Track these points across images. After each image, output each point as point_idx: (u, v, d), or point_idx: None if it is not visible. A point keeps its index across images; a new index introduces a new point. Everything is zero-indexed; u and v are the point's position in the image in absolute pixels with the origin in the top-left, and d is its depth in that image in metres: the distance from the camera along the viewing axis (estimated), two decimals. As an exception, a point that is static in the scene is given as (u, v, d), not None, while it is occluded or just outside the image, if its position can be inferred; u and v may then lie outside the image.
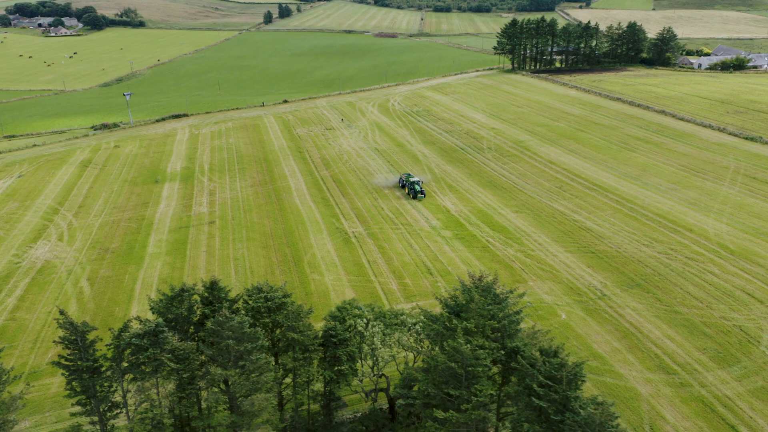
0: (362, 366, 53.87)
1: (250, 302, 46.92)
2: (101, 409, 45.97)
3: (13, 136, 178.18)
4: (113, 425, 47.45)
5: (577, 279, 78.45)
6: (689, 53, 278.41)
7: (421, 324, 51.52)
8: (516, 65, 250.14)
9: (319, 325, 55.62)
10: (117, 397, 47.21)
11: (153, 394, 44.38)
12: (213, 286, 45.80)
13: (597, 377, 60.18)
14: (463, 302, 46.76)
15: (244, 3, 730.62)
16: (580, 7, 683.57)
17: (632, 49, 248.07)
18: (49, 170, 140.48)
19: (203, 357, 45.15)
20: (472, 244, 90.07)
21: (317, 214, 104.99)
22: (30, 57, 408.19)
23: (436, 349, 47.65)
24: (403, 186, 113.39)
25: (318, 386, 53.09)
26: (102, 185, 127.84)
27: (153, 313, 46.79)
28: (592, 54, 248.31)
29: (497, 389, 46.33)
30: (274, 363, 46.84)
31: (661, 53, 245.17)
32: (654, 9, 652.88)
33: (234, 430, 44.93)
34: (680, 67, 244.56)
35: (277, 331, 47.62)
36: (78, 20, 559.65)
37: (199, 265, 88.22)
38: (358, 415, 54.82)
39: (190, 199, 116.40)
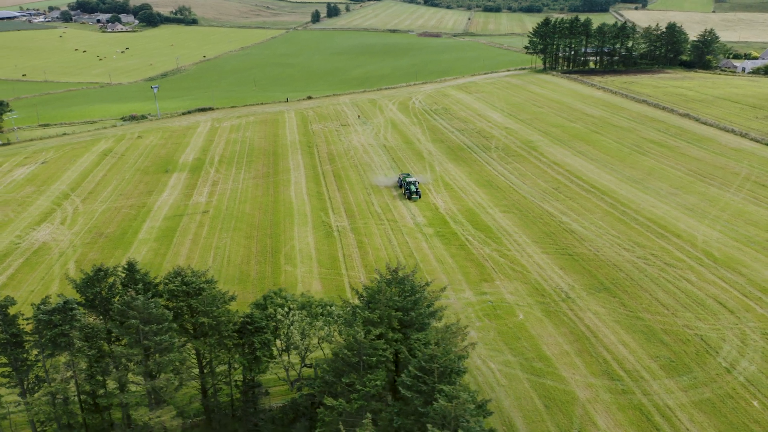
0: (288, 355, 54.48)
1: (170, 286, 48.04)
2: (25, 384, 48.00)
3: (47, 125, 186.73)
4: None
5: (546, 280, 76.83)
6: (736, 57, 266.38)
7: (344, 316, 51.81)
8: (548, 65, 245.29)
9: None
10: (42, 372, 49.24)
11: (67, 370, 46.04)
12: (131, 268, 47.18)
13: (537, 379, 59.01)
14: (373, 293, 46.70)
15: (295, 2, 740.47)
16: (636, 8, 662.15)
17: (671, 51, 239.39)
18: (71, 158, 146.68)
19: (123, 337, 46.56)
20: (450, 242, 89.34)
21: (308, 207, 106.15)
22: (84, 51, 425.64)
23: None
24: (401, 186, 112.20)
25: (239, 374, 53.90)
26: (115, 173, 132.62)
27: (76, 291, 48.63)
28: (628, 55, 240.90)
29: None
30: (187, 346, 47.76)
31: (702, 56, 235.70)
32: (714, 11, 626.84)
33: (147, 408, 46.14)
34: (722, 70, 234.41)
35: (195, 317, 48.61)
36: (134, 17, 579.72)
37: (181, 253, 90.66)
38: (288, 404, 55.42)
39: (192, 189, 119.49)
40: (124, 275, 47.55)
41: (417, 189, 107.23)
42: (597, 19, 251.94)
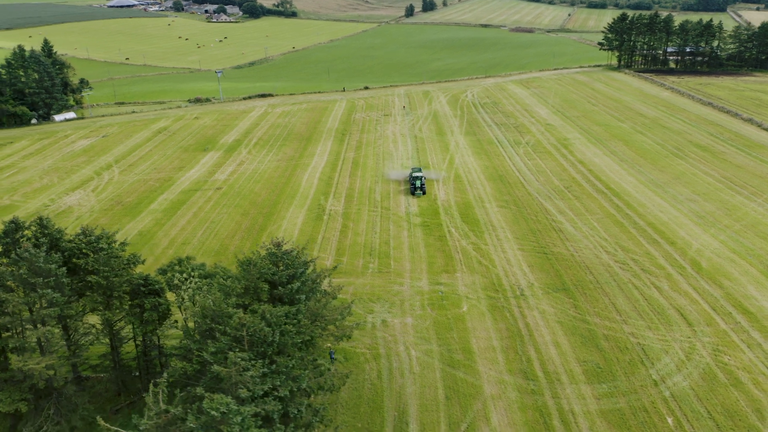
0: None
1: (75, 242, 51.61)
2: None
3: (122, 103, 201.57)
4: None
5: (508, 276, 74.49)
6: None
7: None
8: (623, 63, 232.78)
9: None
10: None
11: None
12: (41, 224, 51.18)
13: (451, 370, 57.90)
14: (244, 264, 47.91)
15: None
16: (757, 9, 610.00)
17: (763, 53, 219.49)
18: (129, 133, 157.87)
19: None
20: (431, 232, 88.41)
21: (312, 190, 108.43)
22: (186, 39, 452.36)
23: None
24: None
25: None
26: (160, 149, 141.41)
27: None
28: (714, 56, 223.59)
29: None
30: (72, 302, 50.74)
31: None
32: None
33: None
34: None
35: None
36: (239, 8, 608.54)
37: (178, 224, 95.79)
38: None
39: (219, 167, 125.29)
40: (35, 229, 51.64)
41: (422, 185, 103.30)
42: (713, 19, 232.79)
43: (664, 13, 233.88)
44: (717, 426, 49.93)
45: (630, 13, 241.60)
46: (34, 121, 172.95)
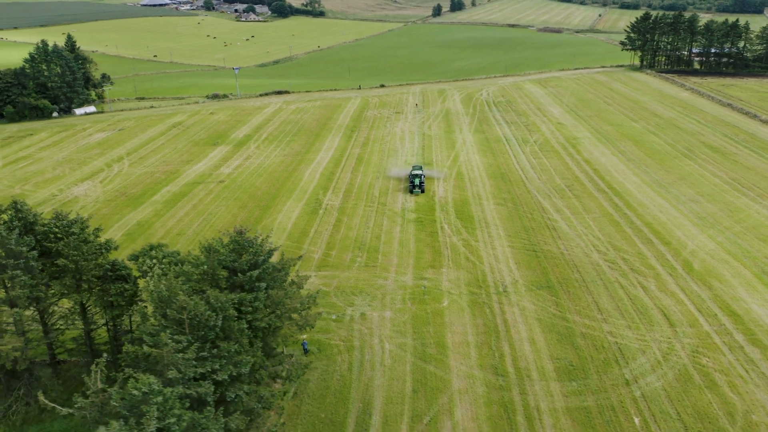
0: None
1: (49, 227, 52.71)
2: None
3: (142, 98, 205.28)
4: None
5: (493, 273, 73.78)
6: None
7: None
8: (645, 63, 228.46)
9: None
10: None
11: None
12: (16, 207, 52.42)
13: (422, 364, 57.63)
14: (205, 250, 48.31)
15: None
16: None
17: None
18: (144, 127, 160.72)
19: None
20: (424, 228, 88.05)
21: (312, 185, 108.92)
22: (214, 38, 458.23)
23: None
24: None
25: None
26: (172, 143, 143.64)
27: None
28: (740, 57, 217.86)
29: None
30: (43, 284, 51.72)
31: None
32: None
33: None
34: None
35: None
36: (268, 8, 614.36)
37: (176, 215, 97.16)
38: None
39: (225, 161, 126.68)
40: (11, 213, 52.87)
41: (421, 183, 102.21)
42: (741, 20, 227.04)
43: (693, 14, 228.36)
44: (685, 427, 48.70)
45: (653, 12, 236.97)
46: (55, 114, 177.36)
